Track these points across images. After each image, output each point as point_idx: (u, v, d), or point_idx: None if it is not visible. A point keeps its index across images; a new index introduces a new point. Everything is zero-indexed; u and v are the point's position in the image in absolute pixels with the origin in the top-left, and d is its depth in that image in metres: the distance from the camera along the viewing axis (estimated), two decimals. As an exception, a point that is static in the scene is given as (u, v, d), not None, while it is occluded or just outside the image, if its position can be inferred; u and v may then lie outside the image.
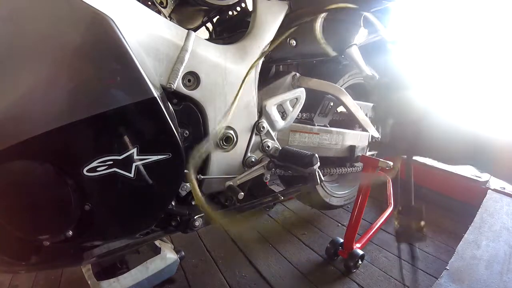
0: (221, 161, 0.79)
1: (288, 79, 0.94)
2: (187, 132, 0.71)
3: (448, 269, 0.94)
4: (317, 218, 1.52)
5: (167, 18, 1.03)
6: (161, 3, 1.02)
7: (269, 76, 0.97)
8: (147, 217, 0.66)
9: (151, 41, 0.60)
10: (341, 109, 1.20)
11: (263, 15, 0.79)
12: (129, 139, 0.56)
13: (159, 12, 1.05)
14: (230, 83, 0.73)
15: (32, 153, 0.51)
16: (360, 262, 1.12)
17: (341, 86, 1.13)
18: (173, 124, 0.61)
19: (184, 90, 0.67)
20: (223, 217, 0.80)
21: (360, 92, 1.25)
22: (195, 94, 0.69)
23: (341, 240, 1.16)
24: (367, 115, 1.20)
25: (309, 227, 1.43)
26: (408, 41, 0.77)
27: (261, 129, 0.84)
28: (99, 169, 0.54)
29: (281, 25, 0.82)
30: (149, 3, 1.09)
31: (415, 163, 0.56)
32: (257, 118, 0.83)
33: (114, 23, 0.52)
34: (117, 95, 0.53)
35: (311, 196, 1.27)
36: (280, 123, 0.88)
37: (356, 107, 1.10)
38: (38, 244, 0.57)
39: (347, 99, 1.05)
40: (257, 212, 1.54)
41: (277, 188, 1.56)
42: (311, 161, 0.80)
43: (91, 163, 0.53)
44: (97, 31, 0.51)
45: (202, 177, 0.74)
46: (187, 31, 0.66)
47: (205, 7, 1.01)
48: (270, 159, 0.86)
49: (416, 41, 0.73)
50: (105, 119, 0.53)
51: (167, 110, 0.60)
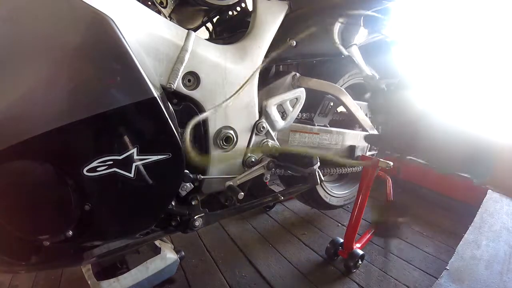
0: (221, 161, 0.79)
1: (288, 79, 0.94)
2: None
3: (448, 269, 0.94)
4: (317, 218, 1.52)
5: (167, 18, 1.03)
6: (161, 3, 1.02)
7: (269, 76, 0.97)
8: (147, 217, 0.66)
9: (151, 41, 0.60)
10: (341, 109, 1.20)
11: (263, 15, 0.79)
12: (129, 139, 0.56)
13: (159, 12, 1.05)
14: (230, 83, 0.73)
15: (32, 153, 0.51)
16: (360, 262, 1.12)
17: (341, 86, 1.13)
18: (173, 124, 0.61)
19: (184, 90, 0.67)
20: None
21: (360, 92, 1.25)
22: (195, 94, 0.69)
23: (341, 240, 1.16)
24: (367, 115, 1.20)
25: (309, 227, 1.43)
26: (408, 41, 0.77)
27: (261, 129, 0.84)
28: (99, 169, 0.54)
29: (281, 25, 0.82)
30: (149, 3, 1.09)
31: (409, 162, 0.56)
32: (257, 118, 0.82)
33: (114, 23, 0.52)
34: (117, 95, 0.53)
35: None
36: (280, 123, 0.88)
37: (356, 107, 1.10)
38: (38, 244, 0.57)
39: (347, 99, 1.05)
40: (257, 212, 1.54)
41: (277, 188, 1.56)
42: (311, 161, 0.80)
43: (91, 163, 0.53)
44: (97, 31, 0.51)
45: (202, 177, 0.74)
46: (187, 31, 0.66)
47: (205, 7, 1.01)
48: (270, 159, 0.86)
49: (416, 41, 0.73)
50: (105, 119, 0.53)
51: (167, 110, 0.60)
